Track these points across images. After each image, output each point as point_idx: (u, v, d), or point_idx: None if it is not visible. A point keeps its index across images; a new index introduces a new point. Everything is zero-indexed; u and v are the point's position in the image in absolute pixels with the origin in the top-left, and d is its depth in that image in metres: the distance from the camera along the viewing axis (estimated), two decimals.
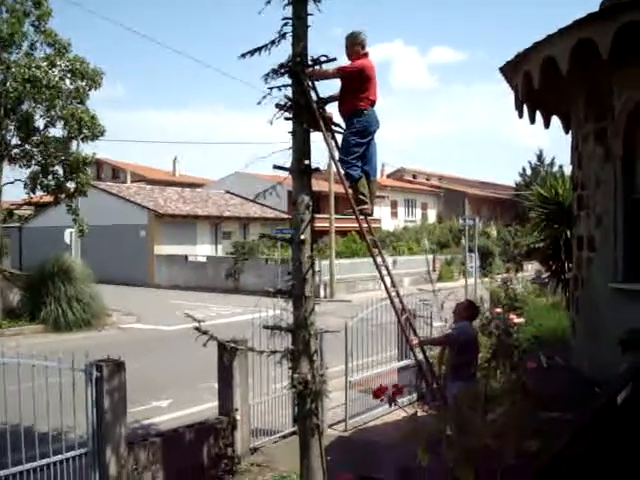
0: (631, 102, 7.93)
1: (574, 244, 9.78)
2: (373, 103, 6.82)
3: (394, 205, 56.96)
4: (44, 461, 6.30)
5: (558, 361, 9.95)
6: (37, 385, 6.07)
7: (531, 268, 31.96)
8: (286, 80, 6.65)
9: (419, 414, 3.70)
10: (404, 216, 57.90)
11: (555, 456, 2.64)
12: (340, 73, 6.71)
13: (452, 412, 3.09)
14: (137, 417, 9.57)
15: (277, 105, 6.57)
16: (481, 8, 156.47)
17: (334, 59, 6.71)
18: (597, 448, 3.22)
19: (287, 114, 6.59)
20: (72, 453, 6.54)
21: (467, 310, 7.76)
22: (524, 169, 62.06)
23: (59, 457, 6.43)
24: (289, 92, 6.63)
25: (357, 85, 6.68)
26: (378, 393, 5.58)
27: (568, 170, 12.66)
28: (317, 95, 6.76)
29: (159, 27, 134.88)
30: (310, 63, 6.64)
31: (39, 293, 19.71)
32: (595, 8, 7.44)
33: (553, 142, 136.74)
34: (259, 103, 6.51)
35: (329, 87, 7.09)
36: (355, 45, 6.88)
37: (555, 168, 52.92)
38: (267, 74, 6.59)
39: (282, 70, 6.56)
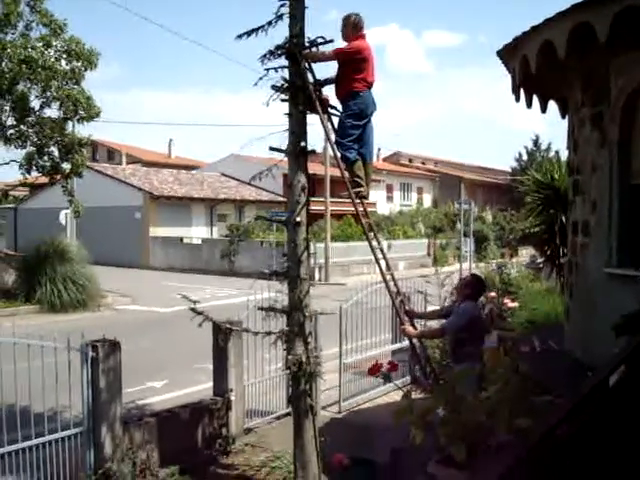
0: (628, 87, 7.91)
1: (569, 229, 9.80)
2: (370, 85, 6.80)
3: (390, 189, 56.90)
4: (39, 440, 6.33)
5: (551, 345, 10.00)
6: (33, 365, 6.09)
7: (526, 253, 32.05)
8: (283, 62, 6.64)
9: (413, 396, 3.72)
10: (400, 200, 57.84)
11: (546, 434, 2.67)
12: (336, 55, 6.70)
13: (446, 390, 3.12)
14: (132, 397, 9.60)
15: (273, 87, 6.56)
16: None
17: (331, 41, 6.69)
18: (589, 429, 3.25)
19: (283, 96, 6.58)
20: (67, 432, 6.57)
21: (470, 287, 6.87)
22: (520, 154, 62.00)
23: (54, 436, 6.45)
24: (286, 74, 6.62)
25: (354, 67, 6.66)
26: (373, 370, 5.62)
27: (564, 155, 12.67)
28: (314, 77, 6.75)
29: (155, 7, 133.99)
30: (307, 45, 6.62)
31: (34, 274, 19.70)
32: None
33: (550, 127, 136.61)
34: (255, 84, 6.51)
35: (326, 70, 7.08)
36: (352, 26, 6.85)
37: (551, 153, 52.96)
38: (264, 55, 6.57)
39: (279, 52, 6.55)
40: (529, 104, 9.75)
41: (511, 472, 2.38)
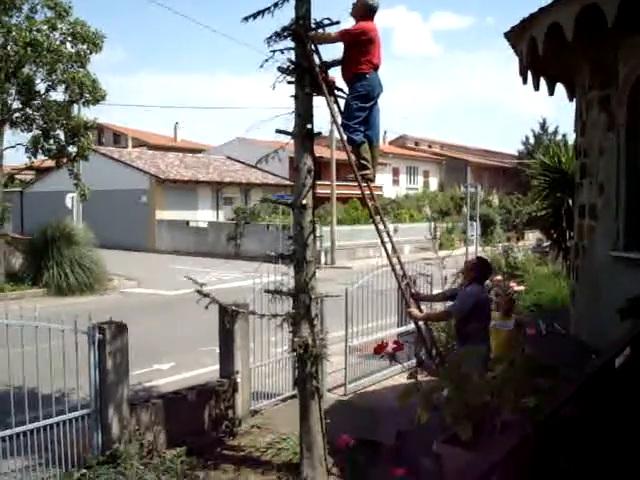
0: (636, 70, 7.87)
1: (576, 212, 9.78)
2: (377, 67, 6.76)
3: (396, 172, 56.77)
4: (47, 421, 6.37)
5: (557, 328, 10.04)
6: (40, 348, 6.12)
7: (532, 237, 31.98)
8: (289, 43, 6.61)
9: (418, 379, 3.73)
10: (406, 183, 57.73)
11: (552, 413, 2.68)
12: (343, 36, 6.65)
13: (451, 370, 3.13)
14: (139, 379, 9.66)
15: (279, 69, 6.54)
16: None
17: (337, 22, 6.66)
18: (594, 409, 3.26)
19: (290, 78, 6.56)
20: (75, 414, 6.62)
21: (476, 269, 6.75)
22: (527, 138, 61.68)
23: (62, 417, 6.50)
24: (292, 55, 6.59)
25: (360, 48, 6.61)
26: (379, 350, 5.63)
27: (571, 139, 12.63)
28: (320, 59, 6.72)
29: None
30: (313, 26, 6.59)
31: (41, 257, 19.75)
32: None
33: (558, 111, 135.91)
34: (261, 66, 6.49)
35: (332, 51, 7.05)
36: (365, 8, 6.76)
37: (559, 137, 52.66)
38: (270, 37, 6.54)
39: (285, 33, 6.52)
40: (536, 87, 9.72)
41: (516, 451, 2.40)
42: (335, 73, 6.98)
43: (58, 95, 19.99)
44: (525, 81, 9.49)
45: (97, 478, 5.96)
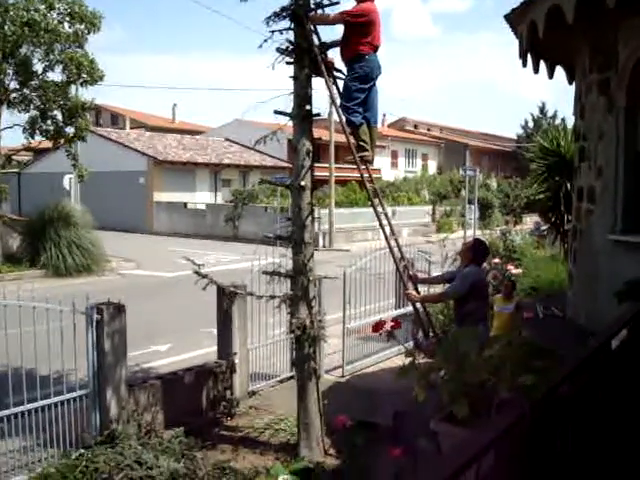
0: (636, 52, 7.83)
1: (574, 195, 9.77)
2: (376, 48, 6.73)
3: (394, 155, 56.66)
4: (45, 401, 6.40)
5: (554, 312, 10.05)
6: (38, 329, 6.13)
7: (530, 221, 31.99)
8: (288, 24, 6.58)
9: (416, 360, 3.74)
10: (404, 166, 57.63)
11: (549, 391, 2.70)
12: (343, 17, 6.62)
13: (449, 349, 3.14)
14: (137, 361, 9.68)
15: (278, 49, 6.52)
16: None
17: (337, 3, 6.63)
18: (591, 389, 3.28)
19: (288, 58, 6.54)
20: (73, 394, 6.63)
21: (474, 251, 6.71)
22: (526, 121, 61.58)
23: (60, 398, 6.52)
24: (291, 36, 6.56)
25: (360, 29, 6.58)
26: (377, 327, 5.63)
27: (570, 122, 12.59)
28: (319, 39, 6.69)
29: None
30: (312, 7, 6.56)
31: (39, 238, 19.73)
32: None
33: (557, 95, 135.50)
34: (260, 47, 6.47)
35: (331, 32, 7.01)
36: None
37: (557, 121, 52.52)
38: (269, 17, 6.52)
39: (284, 13, 6.49)
40: (536, 70, 9.66)
41: (513, 429, 2.41)
42: (334, 55, 6.96)
43: (56, 75, 19.88)
44: (525, 64, 9.44)
45: (95, 458, 5.98)
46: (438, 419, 2.93)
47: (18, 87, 19.50)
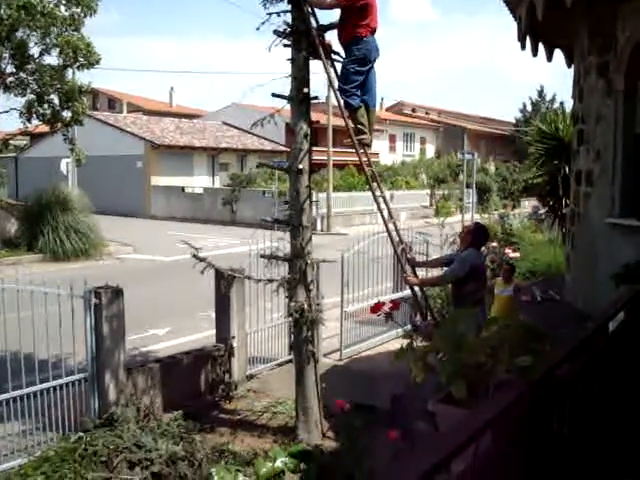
0: (635, 36, 7.80)
1: (572, 179, 9.77)
2: (374, 31, 6.70)
3: (392, 139, 56.49)
4: (44, 385, 6.42)
5: (552, 295, 10.07)
6: (36, 313, 6.13)
7: (528, 205, 31.98)
8: (285, 6, 6.55)
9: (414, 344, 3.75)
10: (402, 150, 57.46)
11: (547, 372, 2.71)
12: (340, 1, 6.58)
13: (446, 330, 3.15)
14: (135, 344, 9.70)
15: (276, 32, 6.48)
16: None
17: None
18: (589, 371, 3.29)
19: (286, 41, 6.51)
20: (71, 378, 6.66)
21: (472, 234, 6.69)
22: (524, 105, 61.31)
23: (58, 382, 6.55)
24: (288, 18, 6.53)
25: (357, 12, 6.55)
26: (375, 309, 5.63)
27: (569, 106, 12.55)
28: (317, 22, 6.66)
29: None
30: None
31: (36, 223, 19.70)
32: None
33: (556, 78, 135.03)
34: (258, 29, 6.44)
35: (329, 14, 6.96)
36: None
37: (556, 104, 52.36)
38: None
39: None
40: (535, 52, 9.63)
41: (510, 409, 2.42)
42: (332, 38, 6.92)
43: (52, 59, 19.80)
44: (524, 47, 9.40)
45: (94, 441, 6.00)
46: (436, 400, 2.95)
47: (14, 71, 19.42)
